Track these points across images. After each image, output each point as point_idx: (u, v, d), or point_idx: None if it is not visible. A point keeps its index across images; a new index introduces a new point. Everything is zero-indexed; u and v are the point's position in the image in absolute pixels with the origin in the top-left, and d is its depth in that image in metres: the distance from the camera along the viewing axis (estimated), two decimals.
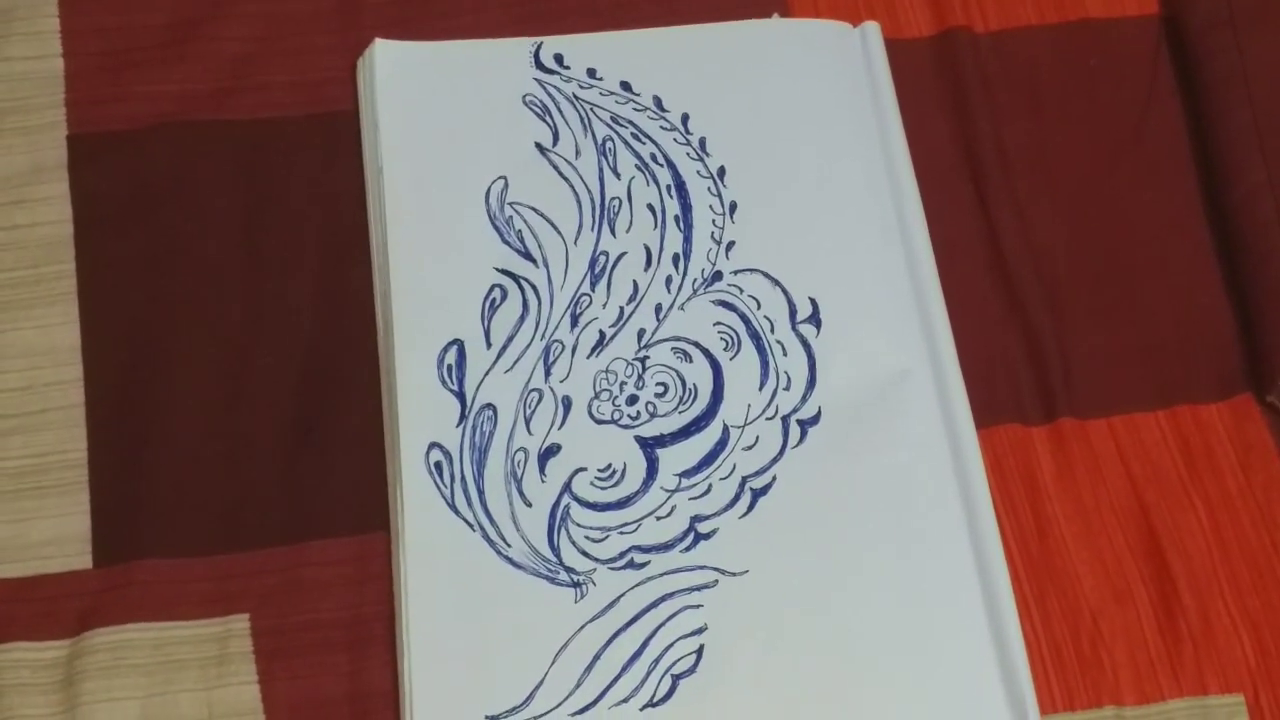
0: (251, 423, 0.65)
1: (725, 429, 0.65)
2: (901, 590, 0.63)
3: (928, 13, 0.77)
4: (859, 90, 0.73)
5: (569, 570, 0.62)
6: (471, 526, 0.63)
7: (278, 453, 0.65)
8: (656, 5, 0.76)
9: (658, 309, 0.68)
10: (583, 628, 0.61)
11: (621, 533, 0.63)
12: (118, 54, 0.72)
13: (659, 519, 0.64)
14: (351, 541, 0.64)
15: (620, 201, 0.70)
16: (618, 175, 0.71)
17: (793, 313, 0.68)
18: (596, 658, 0.61)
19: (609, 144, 0.71)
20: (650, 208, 0.70)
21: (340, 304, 0.68)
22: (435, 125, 0.71)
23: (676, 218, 0.70)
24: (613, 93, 0.73)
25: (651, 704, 0.60)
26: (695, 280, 0.68)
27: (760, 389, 0.66)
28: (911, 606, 0.62)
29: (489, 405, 0.65)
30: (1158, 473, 0.66)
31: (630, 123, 0.72)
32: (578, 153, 0.71)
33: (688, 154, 0.71)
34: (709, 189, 0.71)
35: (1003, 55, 0.76)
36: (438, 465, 0.64)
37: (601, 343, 0.67)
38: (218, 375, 0.66)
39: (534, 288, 0.68)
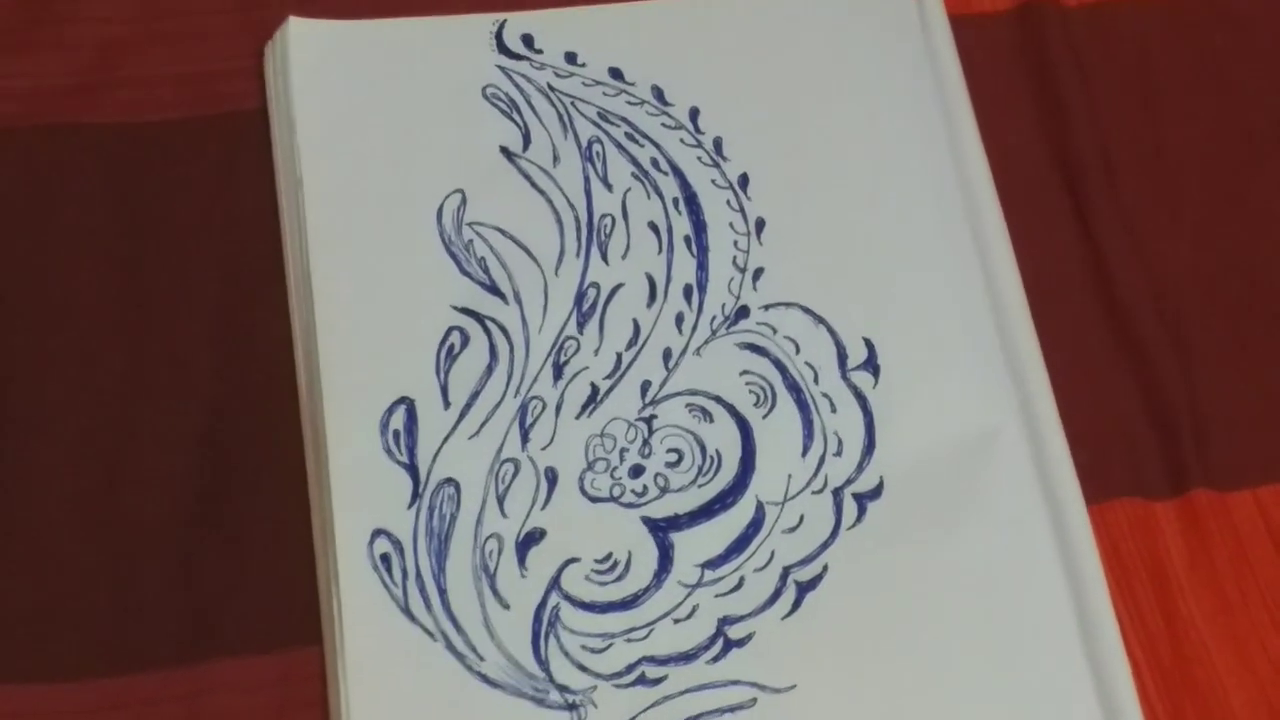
0: (137, 509, 0.71)
1: (760, 506, 0.71)
2: (997, 710, 0.68)
3: None
4: (918, 74, 0.80)
5: (561, 689, 0.68)
6: (432, 635, 0.68)
7: (171, 546, 0.70)
8: None
9: (666, 355, 0.74)
10: None
11: (629, 640, 0.69)
12: None
13: (677, 622, 0.69)
14: (271, 660, 0.69)
15: (613, 220, 0.76)
16: (609, 186, 0.77)
17: (842, 358, 0.74)
18: None
19: (596, 147, 0.78)
20: (653, 227, 0.76)
21: (247, 354, 0.74)
22: (368, 125, 0.78)
23: (687, 239, 0.76)
24: (599, 82, 0.80)
25: None
26: (714, 318, 0.75)
27: (804, 455, 0.72)
28: None
29: (449, 480, 0.71)
30: None
31: (623, 119, 0.79)
32: (556, 159, 0.78)
33: (699, 158, 0.78)
34: (728, 202, 0.77)
35: (1102, 32, 0.83)
36: (384, 558, 0.69)
37: (594, 399, 0.73)
38: (90, 447, 0.71)
39: (504, 330, 0.74)
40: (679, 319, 0.74)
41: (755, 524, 0.70)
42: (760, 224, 0.76)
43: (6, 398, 0.72)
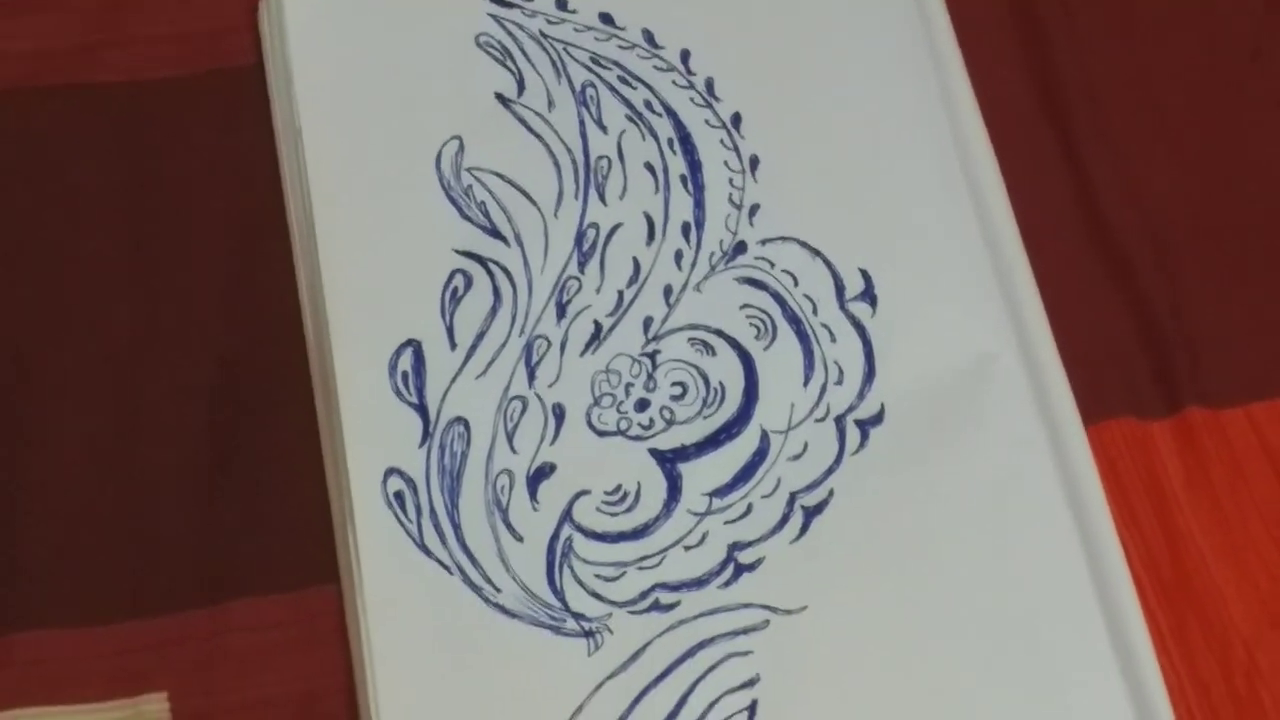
0: (153, 458, 0.72)
1: (764, 435, 0.73)
2: (1003, 624, 0.69)
3: None
4: (906, 16, 0.81)
5: (577, 617, 0.69)
6: (448, 569, 0.70)
7: (188, 493, 0.72)
8: None
9: (667, 292, 0.75)
10: (600, 686, 0.68)
11: (641, 568, 0.70)
12: None
13: (688, 549, 0.70)
14: (290, 599, 0.70)
15: (610, 161, 0.78)
16: (604, 129, 0.79)
17: (839, 289, 0.75)
18: None
19: (590, 91, 0.79)
20: (649, 167, 0.78)
21: (255, 302, 0.75)
22: (363, 76, 0.79)
23: (683, 177, 0.78)
24: (590, 27, 0.81)
25: None
26: (713, 254, 0.76)
27: (805, 385, 0.74)
28: (1018, 643, 0.69)
29: (459, 419, 0.72)
30: None
31: (615, 63, 0.80)
32: (551, 103, 0.79)
33: (691, 99, 0.79)
34: (722, 141, 0.78)
35: None
36: (399, 496, 0.71)
37: (598, 336, 0.74)
38: (105, 401, 0.73)
39: (506, 272, 0.75)
40: (678, 256, 0.75)
41: (761, 453, 0.72)
42: (754, 161, 0.77)
43: (22, 355, 0.73)
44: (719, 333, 0.74)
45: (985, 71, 0.81)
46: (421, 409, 0.72)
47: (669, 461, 0.71)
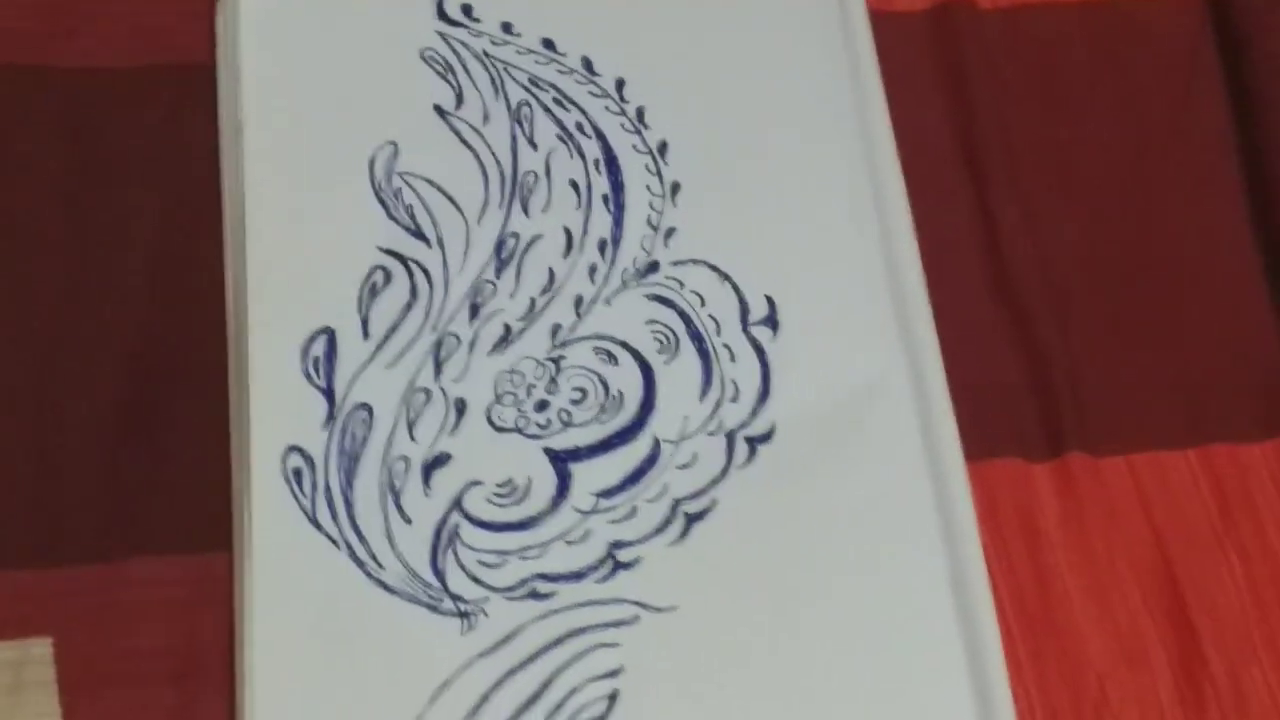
0: (66, 415, 0.74)
1: (656, 443, 0.75)
2: (864, 640, 0.71)
3: None
4: (834, 62, 0.84)
5: (455, 598, 0.71)
6: (336, 544, 0.72)
7: (96, 453, 0.74)
8: None
9: (578, 302, 0.78)
10: (470, 664, 0.70)
11: (523, 558, 0.72)
12: None
13: (570, 544, 0.73)
14: (185, 561, 0.72)
15: (536, 176, 0.80)
16: (534, 146, 0.81)
17: (744, 312, 0.78)
18: (484, 699, 0.69)
19: (525, 109, 0.82)
20: (573, 184, 0.80)
21: (181, 279, 0.77)
22: (310, 78, 0.82)
23: (605, 197, 0.80)
24: (532, 51, 0.84)
25: None
26: (625, 271, 0.79)
27: (701, 399, 0.76)
28: (876, 659, 0.71)
29: (363, 405, 0.75)
30: (1185, 520, 0.76)
31: (552, 85, 0.83)
32: (486, 118, 0.82)
33: (622, 125, 0.82)
34: (647, 166, 0.81)
35: (1013, 34, 0.87)
36: (296, 472, 0.73)
37: (506, 338, 0.77)
38: (26, 356, 0.75)
39: (425, 272, 0.78)
40: (592, 269, 0.77)
41: (651, 459, 0.74)
42: (675, 187, 0.80)
43: None
44: (624, 344, 0.76)
45: (909, 123, 0.83)
46: (329, 393, 0.74)
47: (561, 460, 0.74)
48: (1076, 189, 0.83)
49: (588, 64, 0.83)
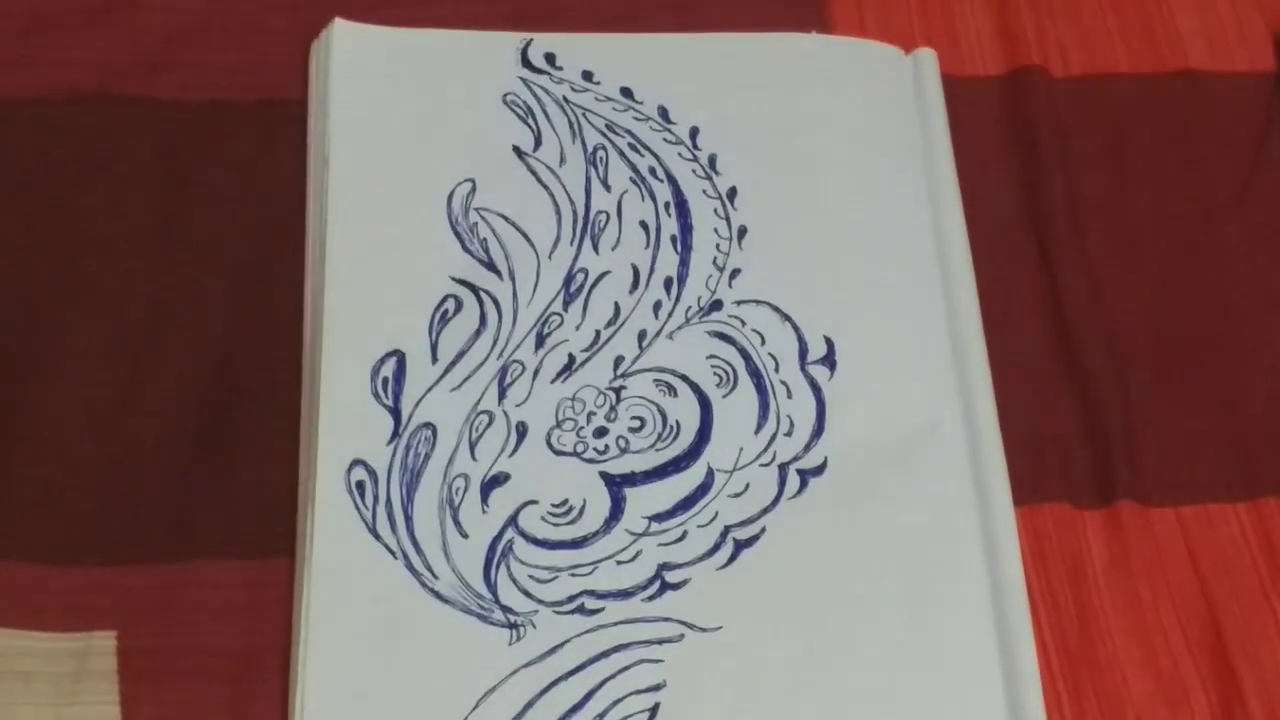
0: (145, 423, 0.77)
1: (710, 472, 0.76)
2: (905, 668, 0.72)
3: (997, 49, 0.90)
4: (906, 121, 0.86)
5: (505, 609, 0.73)
6: (393, 553, 0.73)
7: (172, 459, 0.76)
8: (674, 15, 0.89)
9: (641, 335, 0.79)
10: (516, 672, 0.71)
11: (574, 574, 0.74)
12: (29, 14, 0.86)
13: (620, 563, 0.74)
14: (247, 566, 0.74)
15: (608, 216, 0.82)
16: (607, 188, 0.83)
17: (803, 352, 0.79)
18: (529, 705, 0.70)
19: (600, 153, 0.84)
20: (643, 225, 0.82)
21: (263, 300, 0.80)
22: (396, 117, 0.84)
23: (674, 238, 0.82)
24: (610, 99, 0.86)
25: None
26: (690, 308, 0.80)
27: (756, 432, 0.77)
28: (916, 687, 0.72)
29: (428, 424, 0.76)
30: (1231, 571, 0.77)
31: (628, 132, 0.85)
32: (562, 160, 0.84)
33: (694, 171, 0.84)
34: (715, 210, 0.83)
35: (1083, 102, 0.89)
36: (359, 485, 0.75)
37: (570, 367, 0.78)
38: (112, 366, 0.78)
39: (495, 301, 0.80)
40: (657, 306, 0.79)
41: (704, 487, 0.75)
42: (742, 231, 0.81)
43: (46, 314, 0.79)
44: (684, 377, 0.78)
45: (976, 176, 0.85)
46: (395, 411, 0.76)
47: (616, 484, 0.75)
48: (1140, 253, 0.85)
49: (664, 113, 0.85)
